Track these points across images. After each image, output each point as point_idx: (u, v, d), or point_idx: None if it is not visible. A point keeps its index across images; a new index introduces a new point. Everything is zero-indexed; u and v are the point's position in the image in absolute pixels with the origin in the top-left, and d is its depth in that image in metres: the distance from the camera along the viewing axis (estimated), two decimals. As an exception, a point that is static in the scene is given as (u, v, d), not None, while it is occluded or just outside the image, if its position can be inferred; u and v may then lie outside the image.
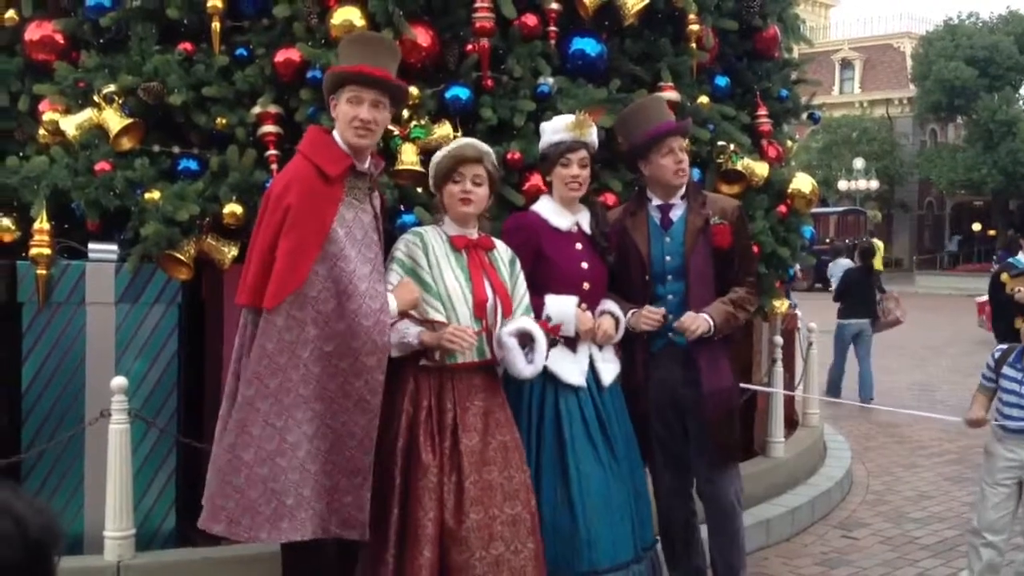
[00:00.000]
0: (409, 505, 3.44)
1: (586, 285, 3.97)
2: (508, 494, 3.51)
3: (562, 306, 3.87)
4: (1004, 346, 4.59)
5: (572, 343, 3.90)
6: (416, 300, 3.49)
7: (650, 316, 4.02)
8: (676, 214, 4.18)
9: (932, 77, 42.01)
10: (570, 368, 3.88)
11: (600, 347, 4.02)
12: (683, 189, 4.20)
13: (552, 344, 3.71)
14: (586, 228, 4.08)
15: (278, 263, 3.24)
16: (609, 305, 4.06)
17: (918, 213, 48.73)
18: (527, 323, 3.66)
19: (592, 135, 4.05)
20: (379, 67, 3.41)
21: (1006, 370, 4.44)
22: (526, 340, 3.64)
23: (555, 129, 4.03)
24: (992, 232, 45.53)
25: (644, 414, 4.14)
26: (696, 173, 4.94)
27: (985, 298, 18.99)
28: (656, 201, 4.21)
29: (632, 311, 4.07)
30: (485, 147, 3.75)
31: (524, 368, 3.63)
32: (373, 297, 3.35)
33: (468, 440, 3.50)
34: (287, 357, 3.24)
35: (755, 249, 4.87)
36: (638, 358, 4.16)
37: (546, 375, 3.82)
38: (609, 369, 4.03)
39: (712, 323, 4.01)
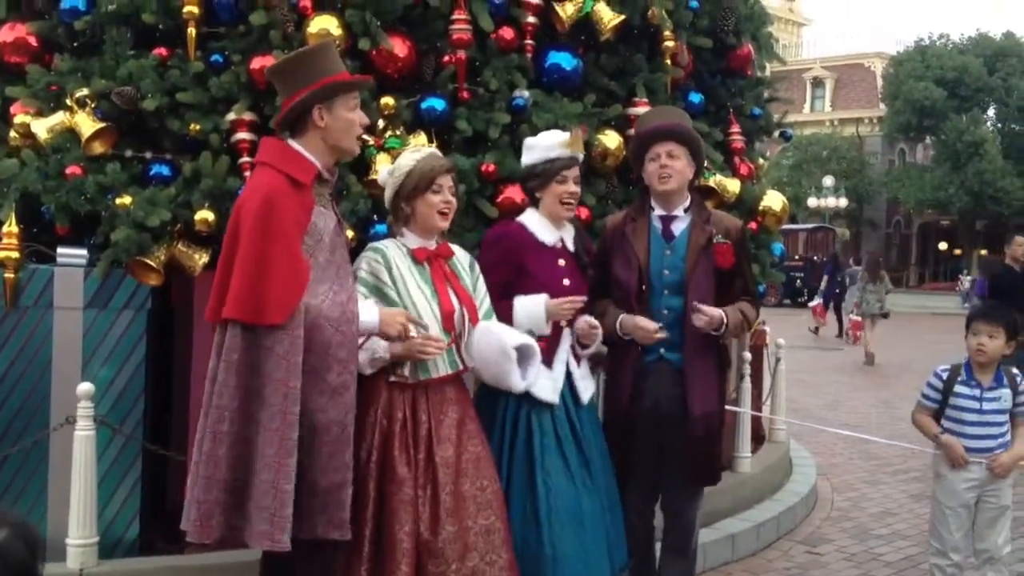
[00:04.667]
0: (384, 519, 3.40)
1: None
2: (481, 505, 3.49)
3: (531, 305, 3.82)
4: (948, 366, 4.48)
5: (547, 359, 3.86)
6: (400, 330, 3.37)
7: (647, 328, 3.90)
8: (679, 227, 4.04)
9: (902, 97, 42.63)
10: (544, 384, 3.84)
11: (579, 363, 4.01)
12: (687, 201, 4.07)
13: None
14: (570, 245, 4.04)
15: (280, 276, 3.14)
16: (587, 317, 3.99)
17: (886, 231, 49.31)
18: (529, 339, 3.67)
19: (581, 152, 4.04)
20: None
21: (959, 388, 4.35)
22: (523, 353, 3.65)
23: (550, 146, 3.96)
24: (958, 251, 46.14)
25: (625, 427, 4.06)
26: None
27: (818, 302, 19.75)
28: (658, 211, 4.08)
29: (627, 316, 3.97)
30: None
31: (519, 383, 3.67)
32: (337, 292, 3.28)
33: (443, 452, 3.48)
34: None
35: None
36: (627, 370, 4.04)
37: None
38: (587, 387, 4.02)
39: (726, 320, 3.92)
